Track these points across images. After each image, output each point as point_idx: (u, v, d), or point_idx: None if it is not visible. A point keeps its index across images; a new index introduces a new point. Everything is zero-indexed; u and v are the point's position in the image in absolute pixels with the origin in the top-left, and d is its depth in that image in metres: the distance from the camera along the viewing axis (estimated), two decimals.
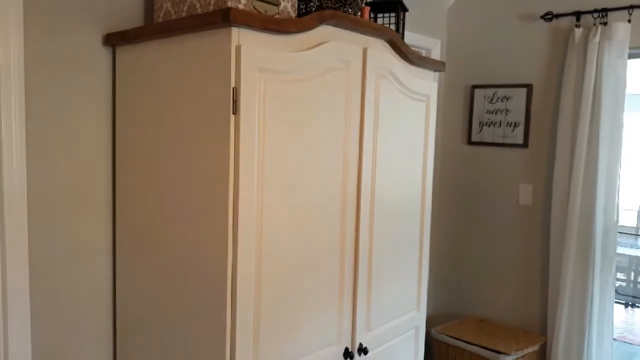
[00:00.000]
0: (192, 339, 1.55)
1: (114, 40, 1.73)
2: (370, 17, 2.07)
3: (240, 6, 1.45)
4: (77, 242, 1.77)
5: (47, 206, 1.69)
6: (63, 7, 1.67)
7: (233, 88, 1.37)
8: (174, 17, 1.62)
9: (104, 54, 1.78)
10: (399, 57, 1.92)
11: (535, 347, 2.95)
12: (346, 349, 1.79)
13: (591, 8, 2.84)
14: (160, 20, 1.68)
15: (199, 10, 1.53)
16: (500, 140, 3.21)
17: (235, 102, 1.38)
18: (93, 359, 1.84)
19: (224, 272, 1.43)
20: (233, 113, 1.38)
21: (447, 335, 3.03)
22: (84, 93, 1.75)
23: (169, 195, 1.60)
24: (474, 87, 3.30)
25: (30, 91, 1.62)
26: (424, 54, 3.28)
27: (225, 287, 1.43)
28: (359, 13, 1.86)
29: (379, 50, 1.80)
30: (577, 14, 2.87)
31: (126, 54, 1.73)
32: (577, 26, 2.86)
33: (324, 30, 1.61)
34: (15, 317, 1.62)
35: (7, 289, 1.59)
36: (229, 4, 1.43)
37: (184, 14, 1.59)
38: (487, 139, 3.26)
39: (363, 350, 1.84)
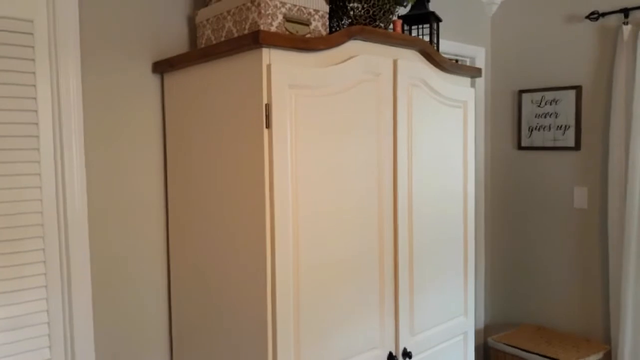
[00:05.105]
0: (237, 343, 1.64)
1: (162, 67, 1.88)
2: (403, 30, 2.13)
3: (273, 29, 1.55)
4: (133, 253, 1.92)
5: (105, 222, 1.85)
6: (116, 41, 1.84)
7: (265, 104, 1.47)
8: (214, 42, 1.75)
9: (154, 81, 1.93)
10: (432, 66, 1.96)
11: (599, 356, 2.85)
12: (390, 353, 1.83)
13: (639, 3, 2.77)
14: (202, 46, 1.81)
15: (236, 35, 1.65)
16: (550, 144, 3.15)
17: (268, 117, 1.47)
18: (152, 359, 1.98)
19: (263, 279, 1.52)
20: (266, 127, 1.48)
21: (505, 344, 2.98)
22: (136, 118, 1.90)
23: (212, 206, 1.71)
24: (521, 92, 3.27)
25: (88, 119, 1.79)
26: (467, 63, 3.29)
27: (265, 293, 1.51)
28: (391, 26, 1.93)
29: (411, 61, 1.85)
30: (625, 11, 2.80)
31: (173, 79, 1.87)
32: (626, 23, 2.79)
33: (354, 45, 1.68)
34: (79, 324, 1.77)
35: (72, 301, 1.75)
36: (261, 27, 1.54)
37: (222, 39, 1.71)
38: (538, 143, 3.21)
39: (407, 354, 1.87)
